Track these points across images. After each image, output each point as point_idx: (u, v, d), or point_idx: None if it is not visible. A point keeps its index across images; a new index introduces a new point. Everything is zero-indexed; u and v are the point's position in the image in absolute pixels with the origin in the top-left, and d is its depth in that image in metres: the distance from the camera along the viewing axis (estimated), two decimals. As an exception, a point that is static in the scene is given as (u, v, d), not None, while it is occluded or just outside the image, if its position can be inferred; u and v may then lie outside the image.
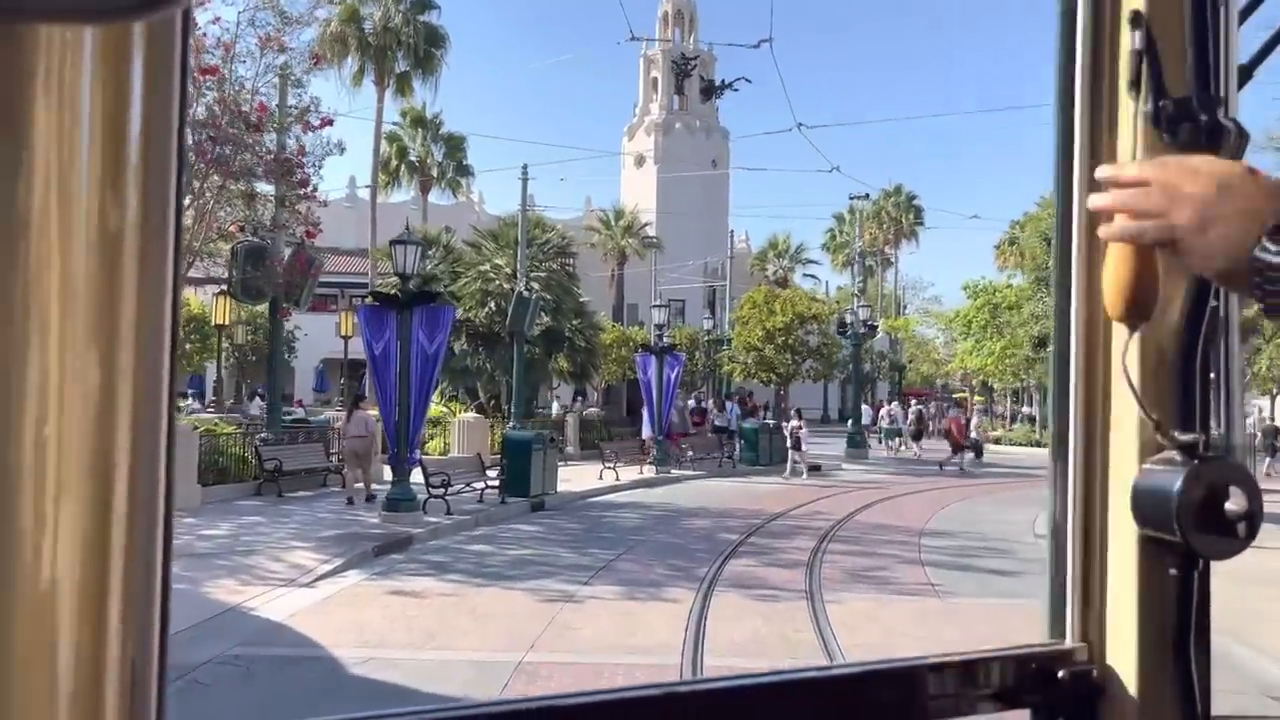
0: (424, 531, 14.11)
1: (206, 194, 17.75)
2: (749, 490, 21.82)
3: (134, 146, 0.55)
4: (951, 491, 22.77)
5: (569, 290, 29.31)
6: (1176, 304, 1.00)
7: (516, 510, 17.12)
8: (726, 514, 17.49)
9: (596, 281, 52.44)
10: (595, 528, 15.52)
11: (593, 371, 34.19)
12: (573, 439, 27.58)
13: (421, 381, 14.75)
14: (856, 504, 19.26)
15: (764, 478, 25.08)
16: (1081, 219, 1.07)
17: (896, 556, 13.24)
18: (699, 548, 13.71)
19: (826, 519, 16.90)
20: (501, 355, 28.75)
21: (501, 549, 13.33)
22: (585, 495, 19.86)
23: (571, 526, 15.64)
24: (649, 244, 54.06)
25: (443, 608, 9.73)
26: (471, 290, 28.27)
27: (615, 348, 39.17)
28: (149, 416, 0.57)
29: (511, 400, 27.31)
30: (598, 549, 13.32)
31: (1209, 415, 1.02)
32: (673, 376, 24.21)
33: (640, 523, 16.23)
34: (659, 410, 24.38)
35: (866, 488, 22.84)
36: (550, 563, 12.34)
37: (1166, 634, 1.03)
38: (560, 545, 13.71)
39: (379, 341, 14.81)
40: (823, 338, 28.19)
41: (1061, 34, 1.10)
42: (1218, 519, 0.93)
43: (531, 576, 11.34)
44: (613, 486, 21.26)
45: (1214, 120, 0.96)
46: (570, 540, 14.19)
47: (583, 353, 31.85)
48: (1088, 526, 1.10)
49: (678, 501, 19.27)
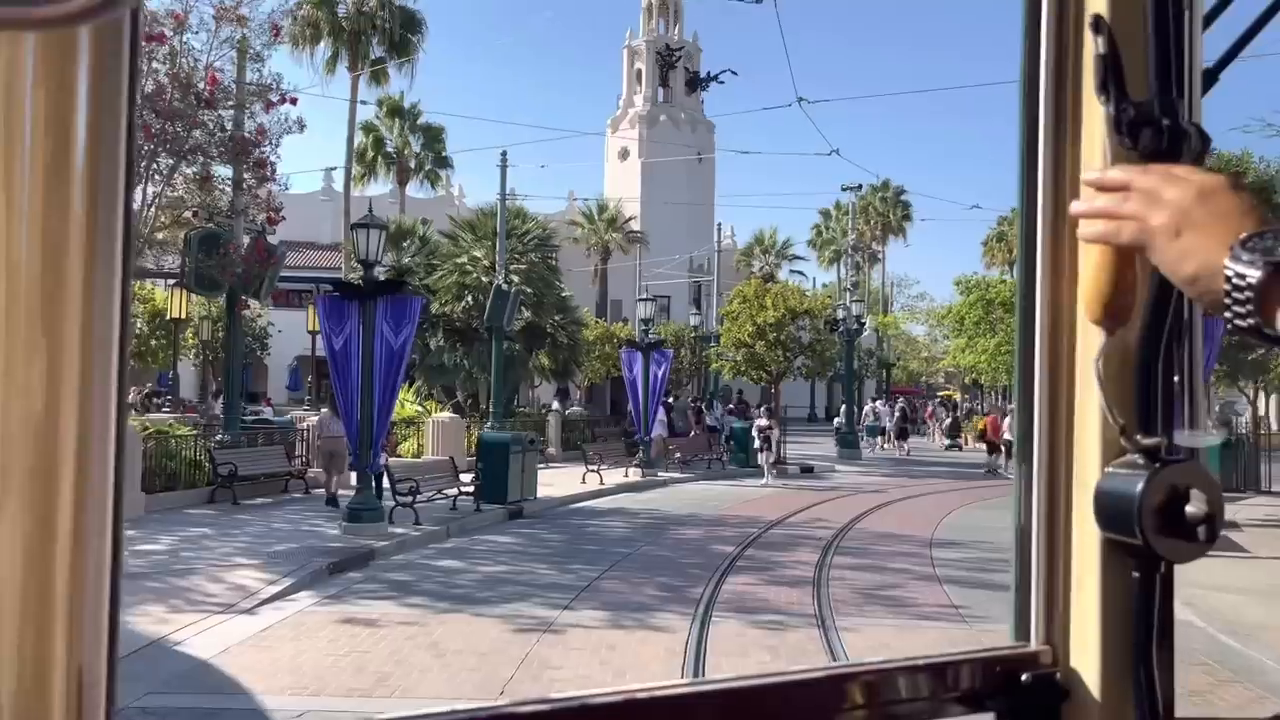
0: (388, 545, 12.78)
1: (156, 177, 16.34)
2: (741, 495, 20.57)
3: (80, 149, 0.56)
4: (952, 496, 21.60)
5: (550, 284, 27.99)
6: (1139, 306, 0.99)
7: (492, 519, 15.81)
8: (719, 522, 16.24)
9: (579, 277, 51.14)
10: (578, 539, 14.23)
11: (575, 369, 32.89)
12: (555, 439, 26.27)
13: (386, 379, 13.41)
14: (856, 510, 18.04)
15: (755, 480, 23.83)
16: (1046, 222, 1.07)
17: (909, 572, 12.00)
18: (692, 562, 12.44)
19: (827, 527, 15.67)
20: (480, 352, 27.44)
21: (473, 565, 12.02)
22: (567, 501, 18.56)
23: (552, 537, 14.34)
24: (633, 238, 52.79)
25: (400, 641, 8.41)
26: (448, 283, 26.91)
27: (599, 344, 37.85)
28: (96, 420, 0.58)
29: (490, 399, 26.03)
30: (580, 564, 12.03)
31: (1172, 418, 1.00)
32: (660, 374, 22.94)
33: (627, 532, 14.95)
34: (645, 409, 23.10)
35: (863, 491, 21.64)
36: (527, 581, 11.04)
37: (1129, 636, 1.02)
38: (539, 560, 12.41)
39: (339, 335, 13.47)
40: (815, 333, 26.96)
41: (1026, 37, 1.09)
42: (1179, 522, 0.94)
43: (505, 599, 10.04)
44: (597, 491, 19.98)
45: (1176, 125, 0.95)
46: (550, 554, 12.89)
47: (565, 350, 30.56)
48: (1052, 530, 1.09)
49: (666, 508, 18.01)
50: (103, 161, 0.57)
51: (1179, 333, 0.99)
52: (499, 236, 25.93)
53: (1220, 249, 0.80)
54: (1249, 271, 0.78)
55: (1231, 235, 0.81)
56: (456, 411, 29.06)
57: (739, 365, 27.74)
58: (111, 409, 0.58)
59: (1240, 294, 0.78)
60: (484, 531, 14.77)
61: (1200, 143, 0.96)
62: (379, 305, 13.40)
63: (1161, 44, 0.99)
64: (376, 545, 12.61)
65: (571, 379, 34.97)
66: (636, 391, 23.26)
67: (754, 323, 26.65)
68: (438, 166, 48.26)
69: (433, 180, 49.05)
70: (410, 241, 28.87)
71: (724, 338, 28.16)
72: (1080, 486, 1.06)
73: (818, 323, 27.48)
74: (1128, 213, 0.87)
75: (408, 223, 30.30)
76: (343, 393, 13.55)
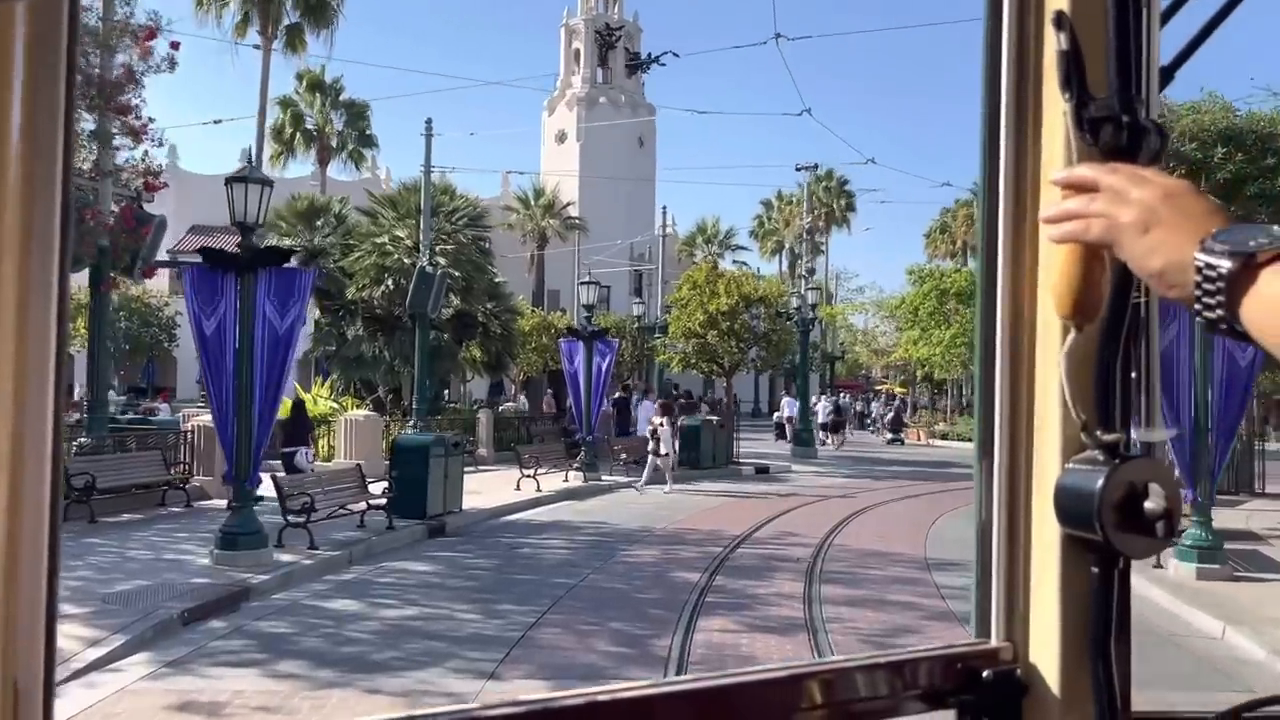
0: (270, 579, 10.17)
1: None
2: (695, 502, 18.25)
3: (14, 131, 0.55)
4: (925, 502, 19.56)
5: (482, 268, 25.37)
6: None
7: (407, 538, 13.26)
8: (676, 539, 13.89)
9: (514, 265, 48.48)
10: (509, 564, 11.75)
11: (510, 361, 30.29)
12: (486, 439, 23.69)
13: (270, 371, 10.78)
14: (827, 520, 15.85)
15: (709, 484, 21.56)
16: (1007, 216, 1.07)
17: (918, 608, 9.77)
18: (651, 596, 10.06)
19: (802, 543, 13.43)
20: (403, 342, 24.76)
21: (374, 606, 9.48)
22: (499, 512, 16.05)
23: (478, 563, 11.84)
24: (571, 225, 50.25)
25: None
26: (366, 265, 24.13)
27: (535, 335, 35.33)
28: (30, 422, 0.56)
29: (414, 394, 23.39)
30: (511, 604, 9.58)
31: (1130, 414, 1.01)
32: (604, 366, 20.51)
33: (568, 554, 12.51)
34: (587, 405, 20.66)
35: (829, 496, 19.49)
36: (443, 632, 8.55)
37: (1087, 632, 1.02)
38: (460, 597, 9.92)
39: (210, 316, 10.80)
40: (770, 322, 24.77)
41: (987, 31, 1.09)
42: (1138, 518, 0.94)
43: (411, 662, 7.56)
44: (533, 499, 17.49)
45: (1135, 122, 0.96)
46: (474, 588, 10.40)
47: (498, 340, 27.97)
48: (1012, 526, 1.09)
49: (614, 519, 15.61)
50: (39, 146, 0.54)
51: (1137, 330, 0.99)
52: (423, 213, 23.23)
53: (1188, 243, 0.83)
54: (1220, 263, 0.80)
55: (1199, 232, 0.83)
56: (377, 408, 26.31)
57: (689, 357, 25.42)
58: (49, 409, 0.55)
59: (1210, 284, 0.81)
60: (396, 555, 12.21)
61: (1159, 140, 0.97)
62: (260, 279, 10.76)
63: (1122, 41, 0.99)
64: (254, 580, 10.00)
65: (506, 372, 32.34)
66: (578, 386, 20.81)
67: (705, 311, 24.36)
68: (362, 146, 45.18)
69: (357, 160, 45.94)
70: (325, 220, 26.02)
71: (672, 327, 25.82)
72: (1040, 482, 1.06)
73: (772, 311, 25.29)
74: (1096, 210, 0.90)
75: (322, 199, 27.39)
76: (215, 388, 10.88)
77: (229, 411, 10.77)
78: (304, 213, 25.88)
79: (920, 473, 25.66)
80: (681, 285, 25.94)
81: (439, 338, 26.05)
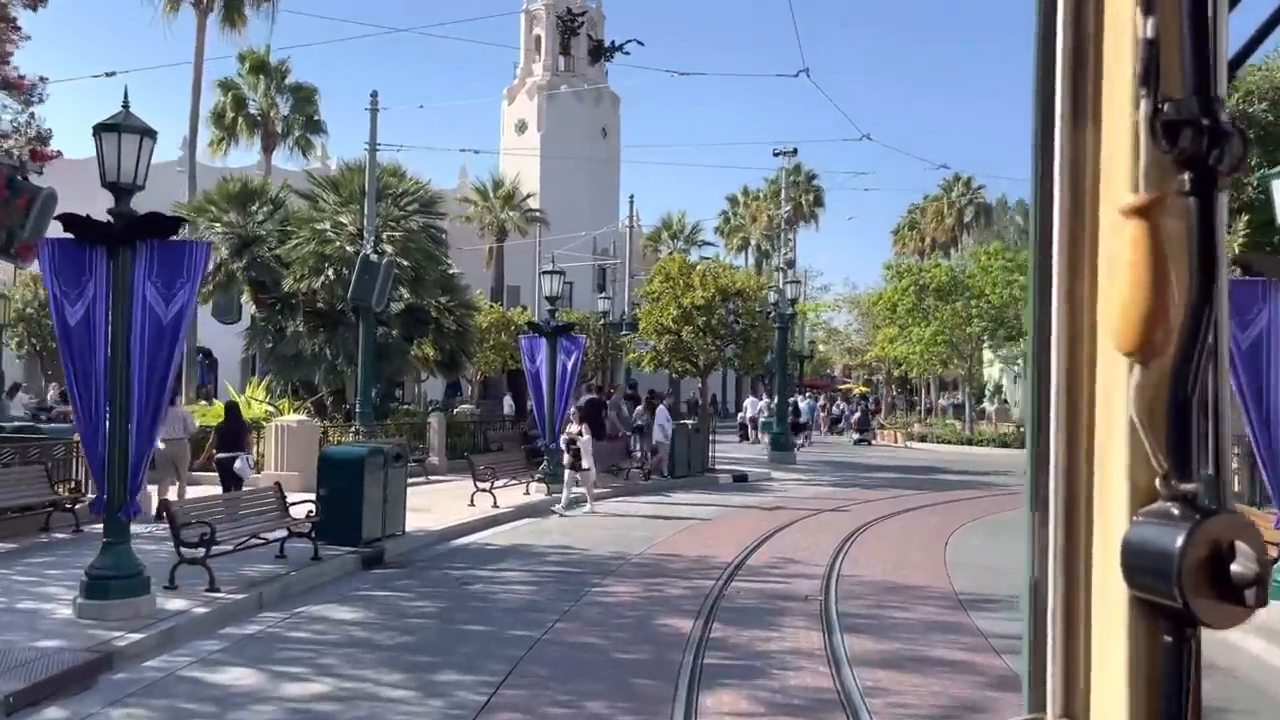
0: (146, 638, 7.93)
1: None
2: (674, 518, 16.17)
3: None
4: (927, 514, 17.67)
5: (434, 258, 23.08)
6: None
7: (337, 571, 11.05)
8: (657, 568, 11.79)
9: (473, 260, 46.12)
10: (457, 607, 9.58)
11: (465, 360, 28.01)
12: (438, 447, 21.44)
13: (152, 369, 8.52)
14: (827, 541, 13.86)
15: (687, 496, 19.50)
16: (1063, 230, 0.98)
17: (973, 671, 7.75)
18: (635, 657, 7.95)
19: (806, 574, 11.40)
20: (346, 339, 22.41)
21: (275, 680, 7.27)
22: (449, 535, 13.87)
23: (418, 607, 9.65)
24: (532, 217, 47.98)
25: None
26: (304, 254, 21.74)
27: (494, 332, 33.07)
28: None
29: (359, 396, 21.09)
30: (456, 671, 7.42)
31: (1203, 460, 0.89)
32: (569, 364, 18.36)
33: (529, 594, 10.35)
34: (551, 409, 18.49)
35: (821, 510, 17.50)
36: (364, 717, 6.39)
37: (1159, 709, 0.91)
38: (389, 661, 7.73)
39: (76, 302, 8.52)
40: (750, 318, 22.77)
41: (1041, 18, 0.98)
42: (1223, 582, 0.83)
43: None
44: (489, 518, 15.30)
45: (1217, 125, 0.84)
46: (410, 646, 8.22)
47: (453, 337, 25.67)
48: (1070, 586, 0.99)
49: (581, 542, 13.49)
50: None
51: (1207, 361, 0.88)
52: (368, 195, 20.93)
53: None
54: None
55: None
56: (318, 411, 23.98)
57: (661, 355, 23.34)
58: None
59: None
60: (318, 596, 9.98)
61: (1241, 146, 0.86)
62: (140, 255, 8.49)
63: (1198, 31, 0.87)
64: (124, 641, 7.74)
65: (461, 372, 30.04)
66: (540, 387, 18.64)
67: (679, 305, 22.29)
68: (310, 132, 42.37)
69: (304, 148, 43.12)
70: (260, 204, 23.59)
71: (643, 322, 23.71)
72: (1104, 537, 0.96)
73: (752, 305, 23.28)
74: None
75: (257, 181, 24.92)
76: (81, 392, 8.59)
77: (99, 422, 8.50)
78: (236, 196, 23.46)
79: (909, 480, 23.80)
80: (653, 277, 23.85)
81: (387, 334, 23.75)
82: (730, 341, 23.10)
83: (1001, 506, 18.84)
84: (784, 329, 26.92)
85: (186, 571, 9.44)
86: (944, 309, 36.00)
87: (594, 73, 56.02)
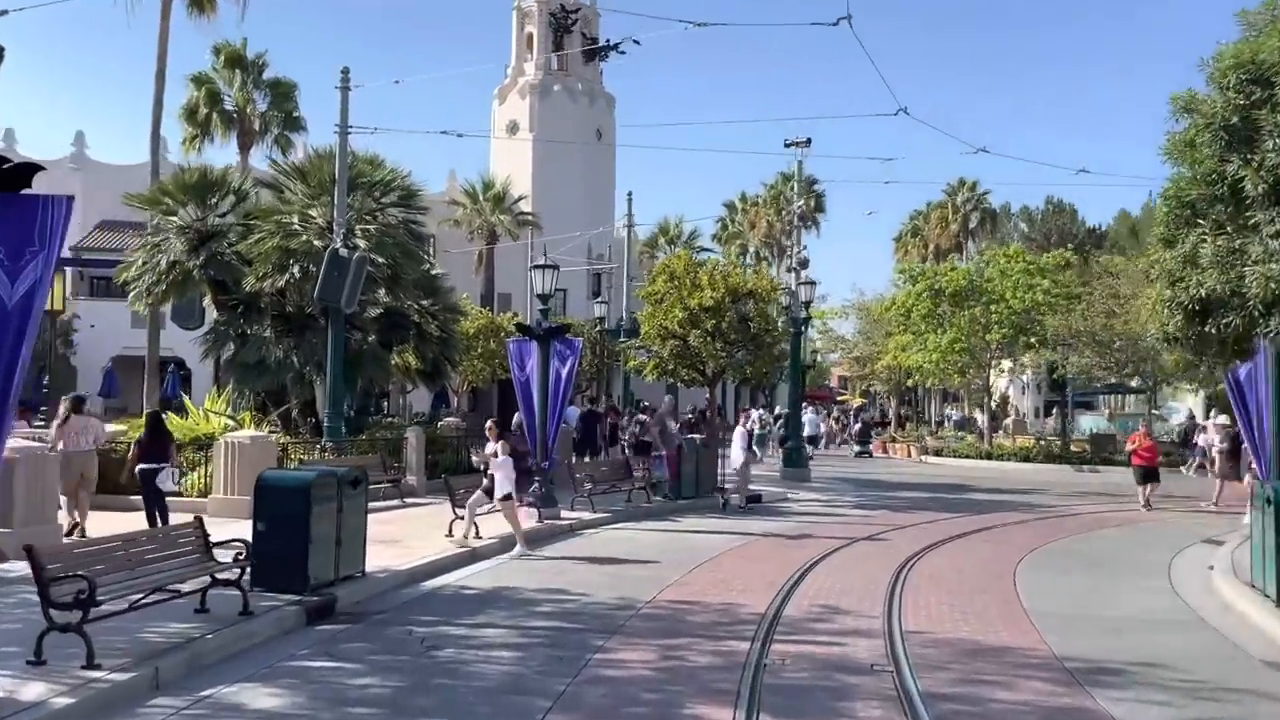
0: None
1: None
2: (688, 550, 13.86)
3: None
4: (978, 542, 15.42)
5: (413, 255, 20.79)
6: None
7: (271, 629, 8.71)
8: (675, 622, 9.47)
9: (462, 266, 43.96)
10: (415, 690, 7.24)
11: (449, 369, 25.69)
12: (416, 465, 19.11)
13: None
14: (874, 580, 11.59)
15: (696, 521, 17.21)
16: None
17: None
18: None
19: (860, 630, 9.11)
20: (316, 345, 20.11)
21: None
22: (419, 575, 11.53)
23: (364, 689, 7.30)
24: (524, 221, 45.74)
25: None
26: (267, 249, 19.42)
27: (482, 339, 30.78)
28: None
29: (329, 408, 18.84)
30: (404, 807, 5.11)
31: None
32: (564, 372, 16.06)
33: (513, 663, 8.01)
34: (544, 423, 16.19)
35: (854, 539, 15.21)
36: None
37: None
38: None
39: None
40: (764, 321, 20.53)
41: None
42: None
43: None
44: (470, 552, 12.97)
45: None
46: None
47: (436, 344, 23.36)
48: None
49: (579, 584, 11.17)
50: None
51: None
52: (338, 183, 18.66)
53: None
54: None
55: None
56: (285, 425, 21.67)
57: (665, 362, 21.06)
58: None
59: None
60: (238, 668, 7.64)
61: None
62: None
63: None
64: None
65: (445, 381, 27.72)
66: (530, 397, 16.34)
67: (685, 307, 20.05)
68: (289, 130, 40.15)
69: (284, 146, 40.79)
70: (222, 195, 21.31)
71: (645, 325, 21.43)
72: None
73: (764, 307, 21.04)
74: None
75: (217, 171, 22.62)
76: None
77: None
78: (195, 186, 21.15)
79: (939, 500, 21.55)
80: (655, 277, 21.59)
81: (363, 340, 21.45)
82: (741, 347, 20.83)
83: (1055, 532, 16.59)
84: (797, 334, 24.68)
85: (60, 640, 7.12)
86: (961, 315, 33.82)
87: (589, 72, 53.90)
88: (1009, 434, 39.08)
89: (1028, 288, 33.12)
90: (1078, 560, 13.76)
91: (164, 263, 20.41)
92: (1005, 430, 40.33)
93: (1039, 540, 15.43)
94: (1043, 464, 31.82)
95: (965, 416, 46.27)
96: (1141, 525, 18.00)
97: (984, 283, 34.06)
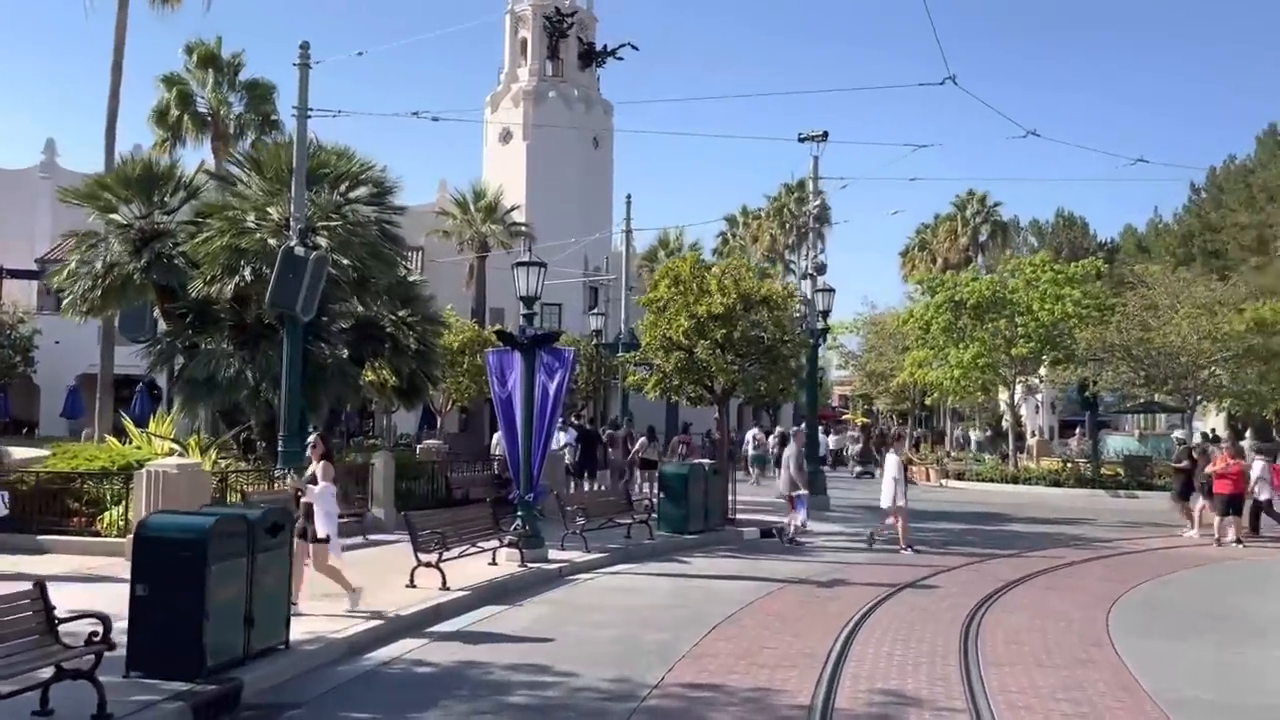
0: None
1: None
2: (702, 604, 11.37)
3: None
4: (1044, 595, 12.96)
5: (385, 258, 18.36)
6: None
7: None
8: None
9: (451, 280, 41.63)
10: None
11: (429, 386, 23.25)
12: (383, 497, 16.62)
13: None
14: (938, 650, 9.14)
15: (707, 561, 14.76)
16: None
17: None
18: None
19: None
20: (273, 358, 17.63)
21: None
22: (362, 645, 9.03)
23: None
24: (516, 231, 43.34)
25: None
26: (215, 249, 16.98)
27: (468, 353, 28.31)
28: None
29: (284, 431, 16.38)
30: None
31: None
32: (553, 388, 13.58)
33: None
34: (527, 449, 13.71)
35: (898, 583, 12.75)
36: None
37: None
38: None
39: None
40: (780, 331, 18.17)
41: None
42: None
43: None
44: (432, 609, 10.46)
45: None
46: None
47: (413, 358, 20.93)
48: None
49: (565, 659, 8.68)
50: None
51: None
52: (296, 173, 16.26)
53: None
54: None
55: None
56: (245, 450, 19.21)
57: (668, 378, 18.63)
58: None
59: None
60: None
61: None
62: None
63: None
64: None
65: (424, 399, 25.26)
66: (512, 418, 13.87)
67: (691, 315, 17.68)
68: (266, 133, 37.75)
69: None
70: (170, 191, 18.91)
71: (646, 336, 19.02)
72: None
73: (780, 316, 18.69)
74: None
75: (165, 165, 20.23)
76: None
77: None
78: (138, 180, 18.76)
79: (979, 533, 19.13)
80: (658, 282, 19.17)
81: (331, 353, 18.99)
82: (754, 360, 18.43)
83: (1127, 575, 14.11)
84: (814, 345, 22.27)
85: None
86: (983, 328, 31.46)
87: (585, 79, 51.71)
88: (1033, 456, 36.63)
89: (1056, 298, 30.80)
90: (1178, 616, 11.30)
91: (100, 265, 17.99)
92: (1029, 452, 37.89)
93: (1115, 587, 12.96)
94: (1074, 489, 29.34)
95: (987, 436, 43.83)
96: (1225, 566, 15.58)
97: (1008, 294, 31.73)
